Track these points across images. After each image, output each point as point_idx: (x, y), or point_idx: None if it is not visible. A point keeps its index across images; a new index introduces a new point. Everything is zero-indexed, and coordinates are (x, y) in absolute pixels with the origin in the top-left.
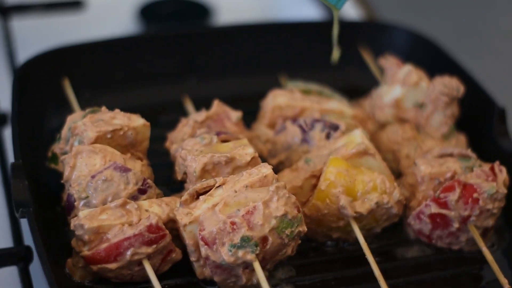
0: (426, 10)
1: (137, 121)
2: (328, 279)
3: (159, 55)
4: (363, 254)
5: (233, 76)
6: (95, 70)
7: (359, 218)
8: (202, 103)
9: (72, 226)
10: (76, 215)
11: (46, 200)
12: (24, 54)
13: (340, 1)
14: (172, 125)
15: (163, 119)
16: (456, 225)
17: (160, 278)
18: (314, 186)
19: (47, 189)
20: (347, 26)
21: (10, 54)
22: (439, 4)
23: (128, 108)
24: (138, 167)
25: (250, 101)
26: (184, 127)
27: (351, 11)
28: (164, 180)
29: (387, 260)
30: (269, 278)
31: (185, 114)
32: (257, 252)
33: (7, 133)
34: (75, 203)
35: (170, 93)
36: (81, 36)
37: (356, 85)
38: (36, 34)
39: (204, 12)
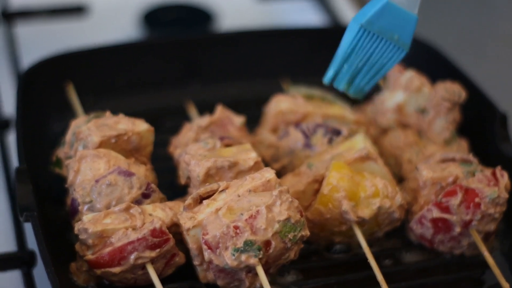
0: (427, 16)
1: (141, 126)
2: (331, 283)
3: (162, 61)
4: (366, 259)
5: (236, 81)
6: (98, 75)
7: (361, 222)
8: (205, 108)
9: (76, 230)
10: (80, 219)
11: (49, 204)
12: (28, 59)
13: (362, 91)
14: (176, 129)
15: (167, 124)
16: (458, 229)
17: (163, 282)
18: (317, 190)
19: (50, 193)
20: None
21: (14, 59)
22: (440, 10)
23: (131, 113)
24: (142, 172)
25: (252, 106)
26: (188, 132)
27: (351, 17)
28: (168, 184)
29: (389, 265)
30: (271, 282)
31: (188, 119)
32: (260, 256)
33: (11, 138)
34: (79, 208)
35: (173, 98)
36: (84, 42)
37: None
38: (40, 40)
39: (207, 18)
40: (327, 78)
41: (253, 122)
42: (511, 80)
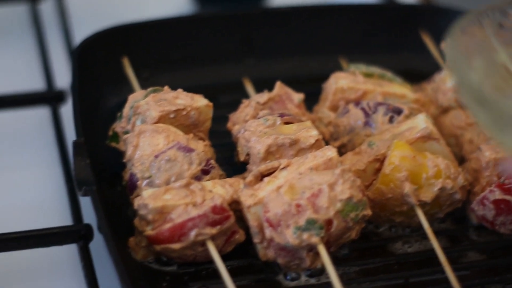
0: None
1: (200, 101)
2: (391, 263)
3: (216, 35)
4: (426, 238)
5: (291, 58)
6: (153, 50)
7: (423, 204)
8: (261, 84)
9: (135, 206)
10: (138, 195)
11: (105, 178)
12: (79, 33)
13: None
14: (232, 105)
15: (222, 99)
16: None
17: (223, 259)
18: (378, 170)
19: (106, 167)
20: (407, 10)
21: (66, 32)
22: None
23: (186, 88)
24: (201, 148)
25: (309, 83)
26: (246, 108)
27: None
28: (225, 160)
29: (450, 246)
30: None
31: (244, 94)
32: (322, 235)
33: (64, 110)
34: (138, 183)
35: (228, 73)
36: (135, 15)
37: (416, 70)
38: (91, 13)
39: None
40: None
41: (309, 99)
42: None
